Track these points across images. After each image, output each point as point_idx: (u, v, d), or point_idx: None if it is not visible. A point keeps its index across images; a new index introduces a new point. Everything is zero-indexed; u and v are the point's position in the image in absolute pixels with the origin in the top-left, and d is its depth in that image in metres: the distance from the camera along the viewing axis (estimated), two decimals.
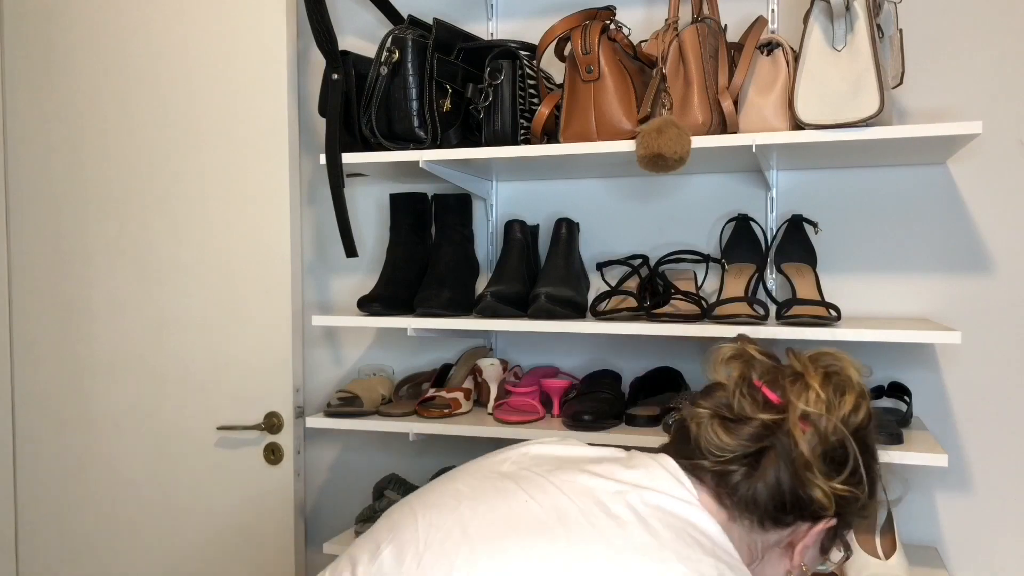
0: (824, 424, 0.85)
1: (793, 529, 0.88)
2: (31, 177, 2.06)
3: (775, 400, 0.87)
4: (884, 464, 0.94)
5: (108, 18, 1.97)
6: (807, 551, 0.90)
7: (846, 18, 1.30)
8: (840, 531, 0.92)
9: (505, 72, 1.50)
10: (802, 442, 0.84)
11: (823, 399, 0.86)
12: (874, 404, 1.52)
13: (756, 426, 0.86)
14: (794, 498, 0.86)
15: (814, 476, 0.84)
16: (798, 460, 0.85)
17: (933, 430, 1.52)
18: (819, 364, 0.91)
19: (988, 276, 1.53)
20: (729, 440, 0.86)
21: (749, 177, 1.64)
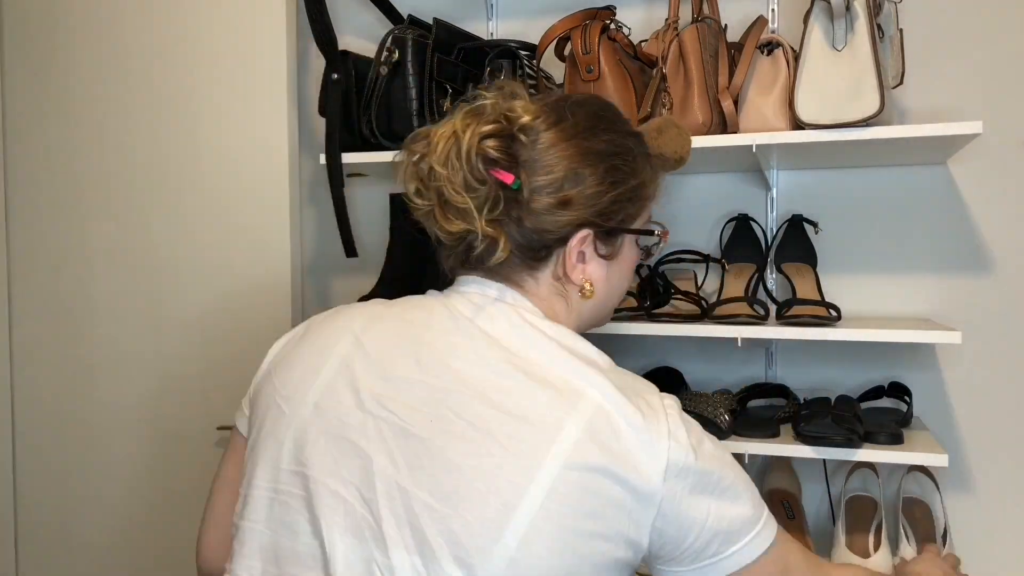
0: (449, 191, 0.85)
1: (556, 257, 0.89)
2: (31, 177, 2.05)
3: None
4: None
5: (108, 18, 1.97)
6: (583, 267, 0.91)
7: (846, 18, 1.30)
8: (609, 232, 0.91)
9: (505, 72, 1.50)
10: (446, 186, 0.85)
11: (440, 168, 0.85)
12: (874, 404, 1.54)
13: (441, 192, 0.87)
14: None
15: (483, 229, 0.84)
16: (459, 229, 0.86)
17: (933, 430, 1.52)
18: (443, 126, 0.88)
19: (988, 276, 1.53)
20: (454, 223, 0.86)
21: (749, 177, 1.64)
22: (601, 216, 0.89)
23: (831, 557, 1.39)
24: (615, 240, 0.93)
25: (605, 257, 0.92)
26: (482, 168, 0.84)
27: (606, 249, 0.92)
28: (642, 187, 0.95)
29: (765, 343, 1.61)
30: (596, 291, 0.92)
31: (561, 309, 0.92)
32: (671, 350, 1.69)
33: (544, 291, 0.90)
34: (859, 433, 1.32)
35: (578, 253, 0.90)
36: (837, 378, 1.60)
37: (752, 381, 1.62)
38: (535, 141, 0.87)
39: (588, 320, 0.96)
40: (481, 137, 0.85)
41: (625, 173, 0.92)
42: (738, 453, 1.38)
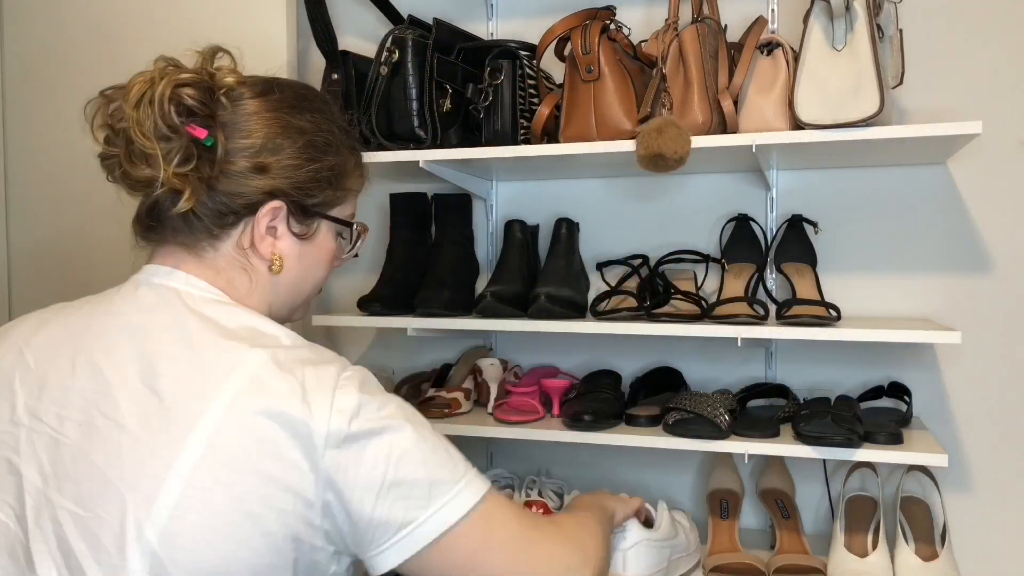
0: (136, 134, 0.84)
1: (244, 226, 0.88)
2: (31, 177, 2.05)
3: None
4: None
5: (108, 18, 1.97)
6: (273, 241, 0.90)
7: (846, 18, 1.30)
8: (304, 211, 0.91)
9: (505, 72, 1.50)
10: (134, 129, 0.84)
11: (130, 111, 0.85)
12: (874, 404, 1.54)
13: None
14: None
15: (169, 181, 0.83)
16: (146, 175, 0.85)
17: (933, 430, 1.52)
18: (144, 73, 0.89)
19: (988, 276, 1.53)
20: (139, 168, 0.86)
21: (749, 177, 1.64)
22: (296, 190, 0.89)
23: (830, 557, 1.39)
24: (310, 221, 0.93)
25: (298, 236, 0.92)
26: (175, 117, 0.83)
27: (300, 228, 0.92)
28: (342, 173, 0.96)
29: (765, 343, 1.61)
30: (286, 267, 0.91)
31: (243, 283, 0.89)
32: (671, 350, 1.69)
33: (223, 262, 0.88)
34: (859, 433, 1.32)
35: (268, 226, 0.89)
36: (837, 378, 1.60)
37: (752, 381, 1.62)
38: (238, 105, 0.88)
39: (281, 302, 0.94)
40: (177, 84, 0.84)
41: (323, 152, 0.92)
42: (738, 453, 1.39)
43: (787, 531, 1.49)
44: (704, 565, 1.43)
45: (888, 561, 1.36)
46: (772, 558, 1.43)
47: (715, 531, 1.51)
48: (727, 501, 1.56)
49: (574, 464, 1.75)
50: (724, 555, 1.44)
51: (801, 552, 1.44)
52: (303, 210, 0.91)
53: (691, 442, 1.40)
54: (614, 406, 1.51)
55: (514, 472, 1.69)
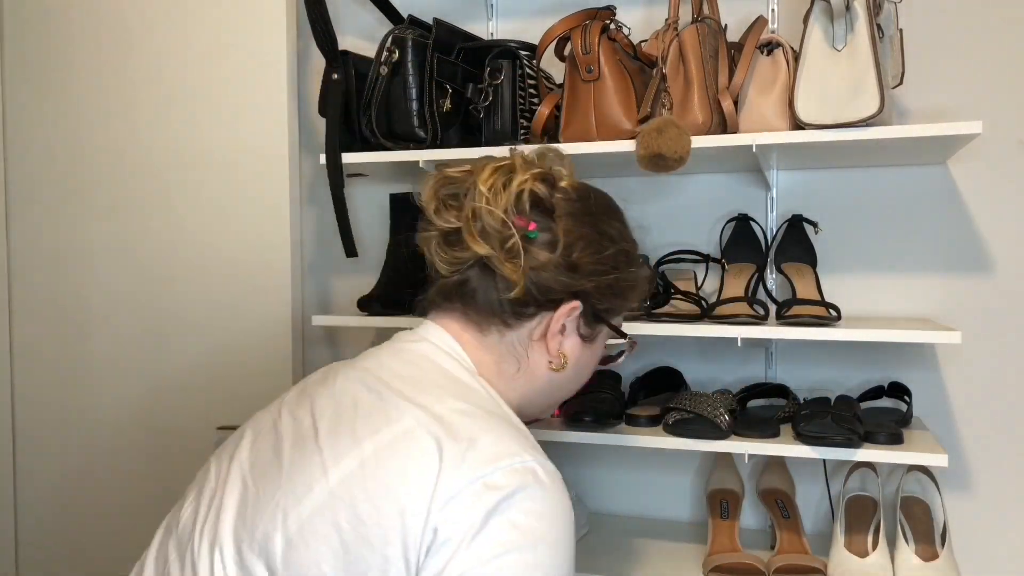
0: (486, 213, 0.88)
1: (539, 320, 0.92)
2: (31, 177, 2.05)
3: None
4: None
5: (108, 18, 1.97)
6: (561, 339, 0.94)
7: (846, 18, 1.30)
8: (595, 315, 0.95)
9: (505, 72, 1.50)
10: (484, 207, 0.89)
11: (485, 191, 0.89)
12: (874, 404, 1.54)
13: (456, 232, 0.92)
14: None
15: (501, 264, 0.88)
16: (484, 252, 0.89)
17: (933, 430, 1.52)
18: (498, 160, 0.94)
19: (988, 276, 1.53)
20: (452, 253, 0.92)
21: (749, 177, 1.64)
22: (596, 293, 0.94)
23: (830, 557, 1.39)
24: (597, 326, 0.97)
25: (584, 338, 0.96)
26: (527, 206, 0.89)
27: (587, 330, 0.96)
28: (633, 288, 0.99)
29: (765, 343, 1.61)
30: (567, 365, 0.95)
31: (509, 371, 0.93)
32: (671, 350, 1.69)
33: (504, 348, 0.93)
34: (859, 433, 1.32)
35: (562, 324, 0.93)
36: (837, 378, 1.60)
37: (752, 381, 1.62)
38: (563, 204, 0.93)
39: (537, 394, 0.97)
40: (535, 179, 0.90)
41: (627, 264, 0.97)
42: (738, 453, 1.39)
43: (787, 531, 1.49)
44: (704, 565, 1.43)
45: (888, 561, 1.36)
46: (772, 558, 1.43)
47: (715, 531, 1.51)
48: (727, 501, 1.56)
49: (574, 464, 1.75)
50: (724, 555, 1.44)
51: (801, 552, 1.44)
52: (595, 314, 0.95)
53: (691, 442, 1.40)
54: (614, 406, 1.51)
55: None
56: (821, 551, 1.44)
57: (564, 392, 1.01)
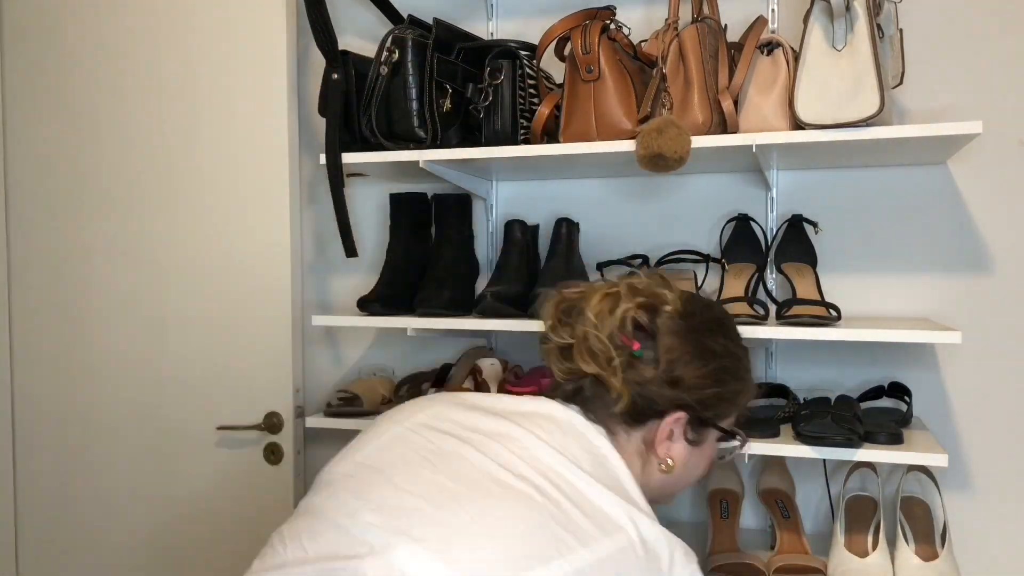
0: (593, 337, 0.98)
1: (649, 427, 1.00)
2: (31, 177, 2.05)
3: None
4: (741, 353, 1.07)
5: (108, 18, 1.97)
6: (669, 444, 1.01)
7: (846, 18, 1.30)
8: (702, 421, 1.02)
9: (505, 72, 1.50)
10: (591, 331, 0.98)
11: (592, 316, 0.99)
12: (874, 404, 1.54)
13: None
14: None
15: (608, 378, 0.97)
16: (591, 370, 0.99)
17: (933, 430, 1.52)
18: (610, 284, 1.04)
19: (988, 276, 1.53)
20: (567, 364, 1.01)
21: (749, 177, 1.64)
22: (700, 404, 1.00)
23: (830, 557, 1.39)
24: (705, 431, 1.04)
25: (691, 442, 1.02)
26: (630, 329, 0.98)
27: (694, 435, 1.02)
28: (741, 394, 1.07)
29: (765, 343, 1.61)
30: (674, 469, 1.02)
31: (637, 468, 1.00)
32: None
33: (631, 447, 1.01)
34: (859, 433, 1.32)
35: (669, 430, 1.00)
36: (837, 378, 1.60)
37: None
38: (666, 325, 1.00)
39: (656, 491, 1.03)
40: (638, 307, 0.99)
41: (732, 377, 1.04)
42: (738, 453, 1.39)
43: (787, 531, 1.49)
44: (704, 565, 1.43)
45: (888, 561, 1.36)
46: (772, 558, 1.43)
47: (715, 531, 1.51)
48: (727, 501, 1.56)
49: None
50: (724, 555, 1.44)
51: (801, 552, 1.44)
52: (701, 421, 1.02)
53: None
54: None
55: None
56: (821, 551, 1.44)
57: (678, 488, 1.08)
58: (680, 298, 1.03)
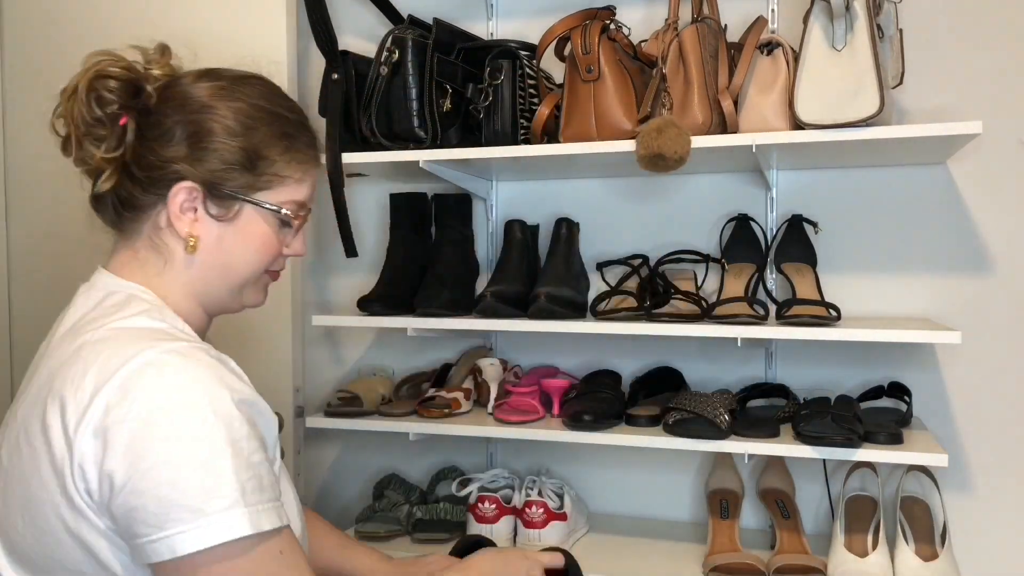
0: (80, 90, 0.95)
1: (159, 209, 0.94)
2: (31, 177, 2.05)
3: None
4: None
5: (108, 18, 1.97)
6: (190, 221, 0.93)
7: (846, 18, 1.30)
8: (220, 192, 0.93)
9: (505, 72, 1.50)
10: (70, 119, 0.95)
11: (81, 70, 0.96)
12: (874, 404, 1.54)
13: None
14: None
15: (83, 151, 0.94)
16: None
17: (933, 430, 1.52)
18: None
19: (988, 276, 1.53)
20: (73, 152, 0.98)
21: (749, 177, 1.64)
22: (208, 173, 0.92)
23: (830, 557, 1.39)
24: (230, 204, 0.94)
25: (216, 218, 0.94)
26: (96, 108, 0.93)
27: (217, 210, 0.94)
28: (260, 157, 0.95)
29: (765, 343, 1.61)
30: (202, 247, 0.94)
31: (155, 263, 0.95)
32: (671, 350, 1.69)
33: (140, 243, 0.96)
34: (859, 433, 1.32)
35: (184, 207, 0.92)
36: (837, 378, 1.60)
37: (752, 381, 1.62)
38: (167, 95, 0.95)
39: (207, 283, 0.97)
40: (96, 76, 0.95)
41: (236, 134, 0.94)
42: (738, 453, 1.39)
43: (787, 531, 1.49)
44: (704, 565, 1.43)
45: (888, 561, 1.36)
46: (772, 558, 1.43)
47: (715, 531, 1.51)
48: (727, 501, 1.56)
49: (574, 464, 1.75)
50: (724, 555, 1.44)
51: (801, 552, 1.44)
52: (219, 193, 0.93)
53: (691, 442, 1.40)
54: (614, 406, 1.51)
55: (514, 472, 1.69)
56: (821, 551, 1.44)
57: (237, 276, 0.99)
58: (179, 69, 0.98)
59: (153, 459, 0.75)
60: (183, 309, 0.95)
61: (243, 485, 0.77)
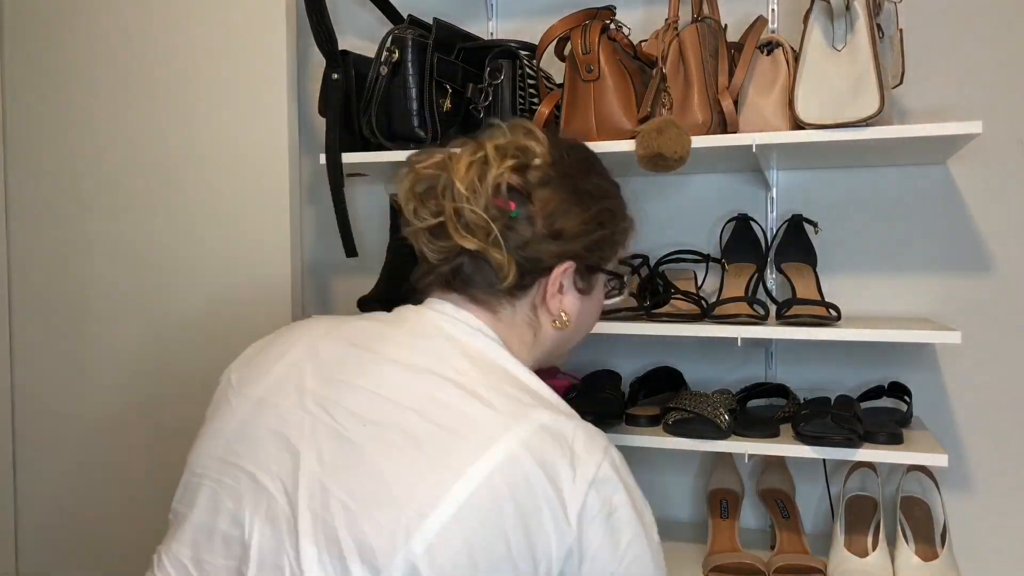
0: (468, 212, 0.90)
1: (538, 287, 0.94)
2: (31, 177, 2.05)
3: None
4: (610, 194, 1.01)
5: (108, 18, 1.97)
6: (561, 298, 0.96)
7: (846, 18, 1.30)
8: (589, 268, 0.97)
9: (505, 72, 1.50)
10: (465, 205, 0.90)
11: (463, 190, 0.90)
12: (874, 404, 1.54)
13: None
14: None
15: (489, 254, 0.90)
16: (471, 246, 0.91)
17: (933, 430, 1.51)
18: (472, 149, 0.94)
19: (988, 276, 1.53)
20: (440, 244, 0.93)
21: (749, 177, 1.64)
22: (586, 251, 0.96)
23: (830, 557, 1.39)
24: (592, 277, 0.99)
25: (581, 291, 0.97)
26: (504, 195, 0.90)
27: (583, 283, 0.97)
28: (623, 231, 1.02)
29: (765, 343, 1.61)
30: (570, 322, 0.97)
31: (528, 338, 0.96)
32: (671, 350, 1.69)
33: (519, 318, 0.95)
34: (859, 433, 1.32)
35: (559, 284, 0.95)
36: (837, 378, 1.60)
37: (752, 381, 1.62)
38: (537, 178, 0.93)
39: (552, 351, 1.00)
40: (511, 171, 0.92)
41: (612, 216, 0.99)
42: (738, 453, 1.39)
43: (787, 531, 1.49)
44: (704, 565, 1.43)
45: (888, 561, 1.36)
46: (772, 558, 1.43)
47: (715, 531, 1.51)
48: (727, 501, 1.56)
49: None
50: (724, 555, 1.44)
51: (801, 552, 1.44)
52: (588, 267, 0.97)
53: (691, 442, 1.40)
54: (614, 406, 1.51)
55: None
56: (821, 551, 1.44)
57: (574, 341, 1.03)
58: (546, 145, 0.95)
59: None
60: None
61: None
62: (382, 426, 0.81)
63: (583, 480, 0.79)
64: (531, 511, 0.76)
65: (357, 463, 0.79)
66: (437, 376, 0.84)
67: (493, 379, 0.85)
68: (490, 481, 0.76)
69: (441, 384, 0.83)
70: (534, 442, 0.79)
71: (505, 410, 0.81)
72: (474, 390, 0.83)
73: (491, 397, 0.82)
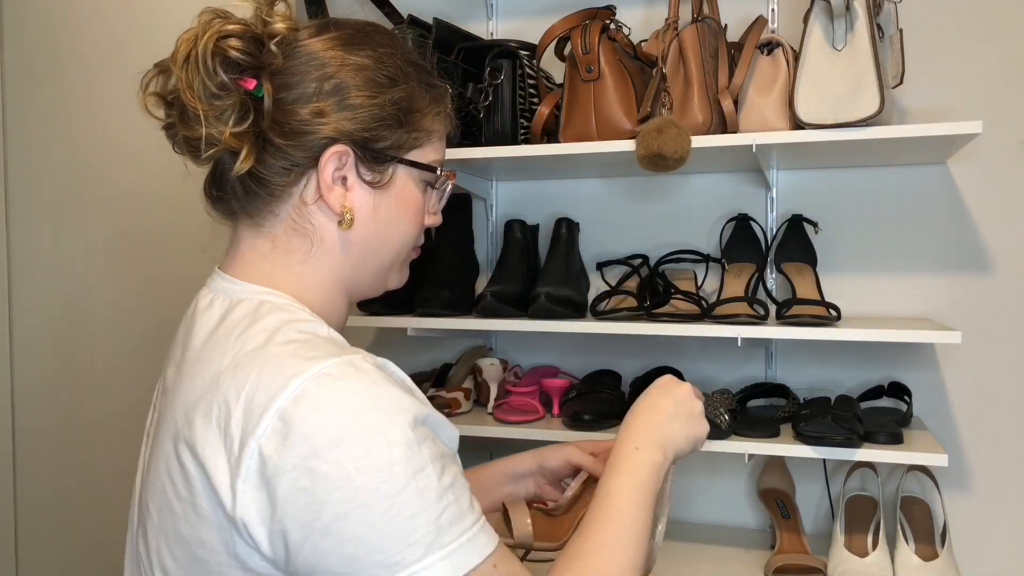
0: (192, 58, 0.78)
1: (307, 179, 0.80)
2: (31, 177, 2.05)
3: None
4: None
5: (108, 18, 1.97)
6: (342, 192, 0.80)
7: (846, 18, 1.30)
8: (374, 155, 0.81)
9: (505, 72, 1.50)
10: (185, 92, 0.78)
11: (189, 35, 0.80)
12: (874, 404, 1.54)
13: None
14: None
15: (227, 140, 0.77)
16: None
17: (933, 430, 1.52)
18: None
19: (988, 276, 1.53)
20: (193, 129, 0.80)
21: (749, 177, 1.64)
22: (362, 132, 0.80)
23: (830, 556, 1.39)
24: (384, 167, 0.82)
25: (371, 184, 0.82)
26: (222, 73, 0.77)
27: (372, 175, 0.81)
28: (412, 110, 0.84)
29: (765, 343, 1.61)
30: (358, 221, 0.81)
31: (302, 248, 0.81)
32: (671, 350, 1.69)
33: (281, 229, 0.81)
34: (859, 433, 1.32)
35: (336, 175, 0.80)
36: (837, 378, 1.60)
37: (752, 381, 1.62)
38: (292, 51, 0.80)
39: (357, 265, 0.85)
40: (220, 37, 0.78)
41: (386, 87, 0.81)
42: (738, 453, 1.39)
43: (787, 531, 1.49)
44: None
45: (888, 561, 1.36)
46: (772, 558, 1.43)
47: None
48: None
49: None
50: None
51: (801, 552, 1.44)
52: (374, 155, 0.81)
53: None
54: (614, 406, 1.51)
55: None
56: (821, 551, 1.43)
57: (388, 252, 0.87)
58: (299, 22, 0.83)
59: (331, 513, 0.65)
60: (326, 304, 0.82)
61: (438, 523, 0.67)
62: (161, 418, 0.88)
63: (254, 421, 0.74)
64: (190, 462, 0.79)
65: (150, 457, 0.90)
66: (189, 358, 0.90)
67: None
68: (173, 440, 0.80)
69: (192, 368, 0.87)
70: (211, 393, 0.76)
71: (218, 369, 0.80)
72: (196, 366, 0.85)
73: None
